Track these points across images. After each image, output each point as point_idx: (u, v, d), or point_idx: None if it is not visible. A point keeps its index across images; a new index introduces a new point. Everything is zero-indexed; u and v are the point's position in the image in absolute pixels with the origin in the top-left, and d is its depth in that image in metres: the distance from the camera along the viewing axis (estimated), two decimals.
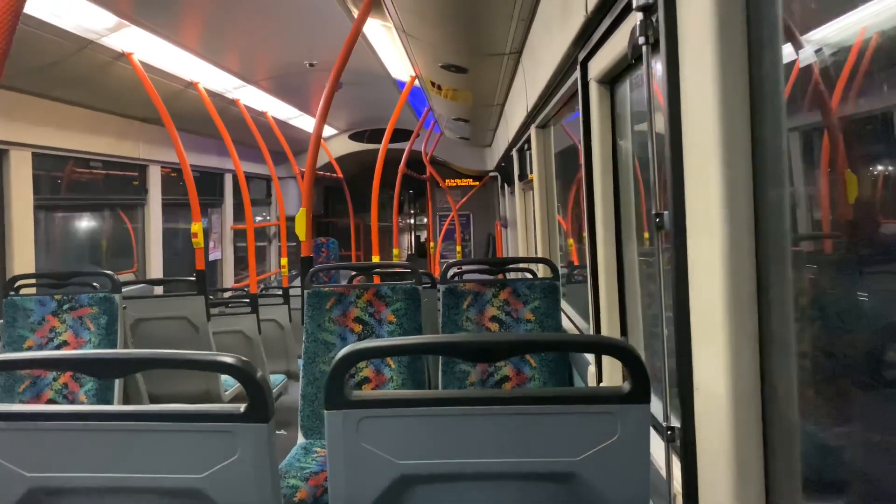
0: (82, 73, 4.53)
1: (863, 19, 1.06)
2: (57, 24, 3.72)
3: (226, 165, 7.91)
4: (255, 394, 1.19)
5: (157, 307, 4.55)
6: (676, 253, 1.36)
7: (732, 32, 1.17)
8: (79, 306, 3.35)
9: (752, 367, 1.22)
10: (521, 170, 6.11)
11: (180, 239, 7.77)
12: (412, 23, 3.39)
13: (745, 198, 1.20)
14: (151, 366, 1.24)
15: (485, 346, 1.24)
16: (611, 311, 2.20)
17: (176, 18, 4.29)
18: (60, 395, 3.19)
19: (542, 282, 3.27)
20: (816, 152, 1.25)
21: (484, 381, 3.13)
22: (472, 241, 13.30)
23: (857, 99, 1.10)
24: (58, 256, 5.77)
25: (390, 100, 6.78)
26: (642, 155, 2.11)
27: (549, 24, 2.65)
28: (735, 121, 1.19)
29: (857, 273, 1.17)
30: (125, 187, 6.49)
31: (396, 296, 3.15)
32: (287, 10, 4.43)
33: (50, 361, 1.38)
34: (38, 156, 4.68)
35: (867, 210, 1.12)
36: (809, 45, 1.19)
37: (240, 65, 5.72)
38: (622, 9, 1.66)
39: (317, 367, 3.08)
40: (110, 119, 5.56)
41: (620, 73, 2.03)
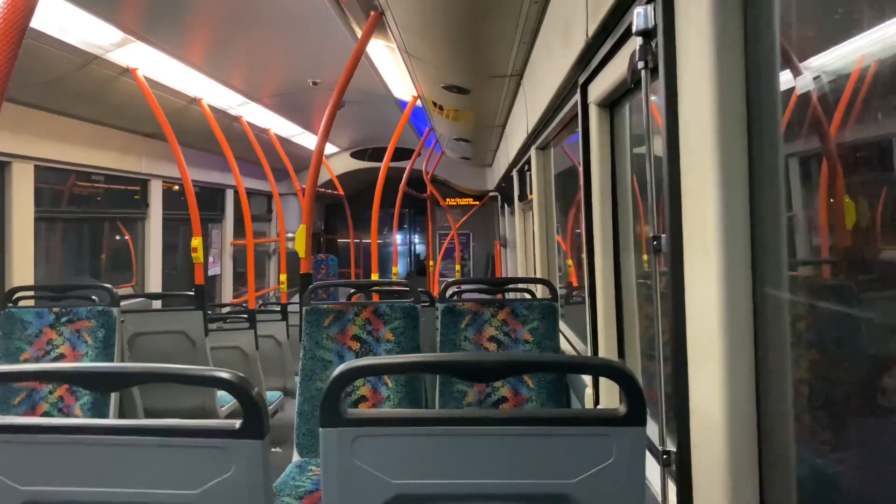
0: (87, 87, 4.57)
1: (861, 48, 1.07)
2: (63, 38, 3.76)
3: (227, 181, 7.94)
4: (250, 410, 1.19)
5: (154, 321, 4.55)
6: (673, 276, 1.37)
7: (731, 58, 1.19)
8: (77, 319, 3.34)
9: (748, 391, 1.22)
10: (521, 190, 6.14)
11: (179, 254, 7.78)
12: (415, 44, 3.42)
13: (742, 222, 1.20)
14: (147, 380, 1.24)
15: (482, 365, 1.24)
16: (608, 332, 2.20)
17: (181, 35, 4.33)
18: (55, 408, 3.18)
19: (540, 302, 3.27)
20: (813, 178, 1.26)
21: (481, 402, 3.12)
22: (471, 261, 13.31)
23: (855, 126, 1.11)
24: (57, 269, 5.77)
25: (392, 119, 6.82)
26: (641, 177, 2.12)
27: (550, 47, 2.68)
28: (732, 145, 1.20)
29: (854, 299, 1.18)
30: (126, 201, 6.51)
31: (395, 314, 3.15)
32: (291, 29, 4.47)
33: (45, 374, 1.38)
34: (40, 168, 4.71)
35: (864, 236, 1.12)
36: (808, 71, 1.20)
37: (244, 82, 5.76)
38: (622, 33, 1.68)
39: (313, 385, 3.06)
40: (113, 133, 5.60)
41: (620, 97, 2.05)
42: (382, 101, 6.69)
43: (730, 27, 1.19)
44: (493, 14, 2.70)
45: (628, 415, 1.19)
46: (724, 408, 1.21)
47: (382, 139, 9.80)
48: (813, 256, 1.28)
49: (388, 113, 7.11)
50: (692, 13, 1.25)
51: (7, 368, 1.31)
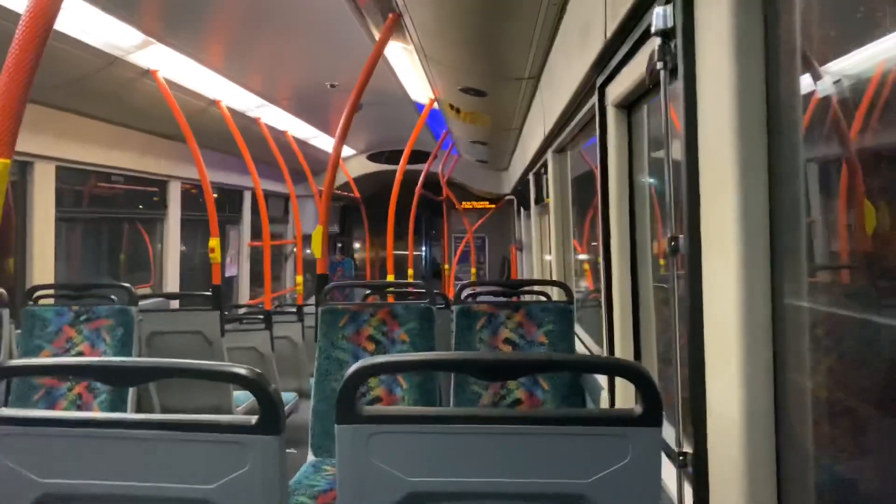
0: (108, 88, 4.62)
1: (882, 51, 1.06)
2: (86, 40, 3.81)
3: (245, 183, 8.00)
4: (266, 406, 1.19)
5: (172, 321, 4.58)
6: (691, 277, 1.36)
7: (751, 59, 1.18)
8: (95, 318, 3.38)
9: (766, 393, 1.21)
10: (538, 193, 6.12)
11: (197, 255, 7.85)
12: (433, 46, 3.43)
13: (762, 224, 1.20)
14: (166, 375, 1.26)
15: (497, 364, 1.24)
16: (624, 334, 2.19)
17: (201, 37, 4.38)
18: (74, 405, 3.21)
19: (556, 305, 3.26)
20: (834, 181, 1.25)
21: (496, 404, 3.11)
22: (486, 264, 13.30)
23: (876, 130, 1.10)
24: (76, 268, 5.84)
25: (409, 121, 6.84)
26: (658, 180, 2.11)
27: (567, 49, 2.67)
28: (752, 147, 1.19)
29: (873, 303, 1.17)
30: (145, 202, 6.57)
31: (410, 315, 3.15)
32: (309, 32, 4.50)
33: (64, 368, 1.40)
34: (61, 169, 4.77)
35: (885, 241, 1.11)
36: (828, 75, 1.19)
37: (262, 84, 5.80)
38: (641, 34, 1.67)
39: (329, 385, 3.07)
40: (133, 134, 5.66)
41: (638, 98, 2.05)
42: (399, 104, 6.71)
43: (750, 27, 1.18)
44: (511, 16, 2.71)
45: (644, 415, 1.18)
46: (742, 410, 1.21)
47: (399, 142, 9.82)
48: (832, 260, 1.27)
49: (405, 116, 7.13)
50: (712, 13, 1.24)
51: (28, 362, 1.33)
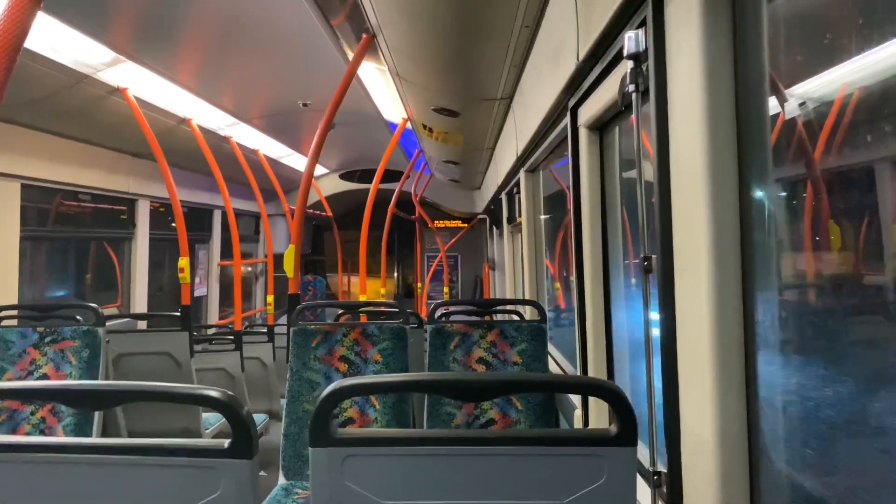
0: (76, 106, 4.56)
1: (844, 76, 1.10)
2: (55, 58, 3.76)
3: (215, 201, 7.92)
4: (239, 429, 1.17)
5: (140, 342, 4.50)
6: (664, 296, 1.37)
7: (721, 82, 1.21)
8: (61, 339, 3.30)
9: (739, 412, 1.22)
10: (510, 213, 6.16)
11: (165, 275, 7.73)
12: (406, 67, 3.45)
13: (733, 243, 1.21)
14: (133, 398, 1.23)
15: (471, 385, 1.23)
16: (598, 354, 2.20)
17: (172, 55, 4.34)
18: (37, 429, 3.12)
19: (529, 324, 3.27)
20: (803, 201, 1.28)
21: (470, 424, 3.10)
22: (459, 283, 13.30)
23: (840, 151, 1.13)
24: (41, 288, 5.71)
25: (382, 141, 6.85)
26: (630, 201, 2.14)
27: (540, 70, 2.71)
28: (723, 168, 1.21)
29: (843, 321, 1.19)
30: (113, 220, 6.47)
31: (383, 335, 3.13)
32: (283, 51, 4.50)
33: (27, 392, 1.36)
34: (26, 187, 4.68)
35: (851, 259, 1.14)
36: (794, 98, 1.22)
37: (234, 103, 5.77)
38: (613, 57, 1.70)
39: (300, 406, 3.03)
40: (102, 153, 5.58)
41: (610, 120, 2.08)
42: (372, 123, 6.72)
43: (720, 51, 1.21)
44: (484, 38, 2.73)
45: (619, 435, 1.19)
46: (715, 429, 1.22)
47: (372, 161, 9.83)
48: (803, 279, 1.29)
49: (378, 135, 7.14)
50: (682, 37, 1.27)
51: None
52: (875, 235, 1.08)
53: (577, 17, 1.88)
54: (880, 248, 1.07)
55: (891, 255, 1.04)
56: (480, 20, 2.55)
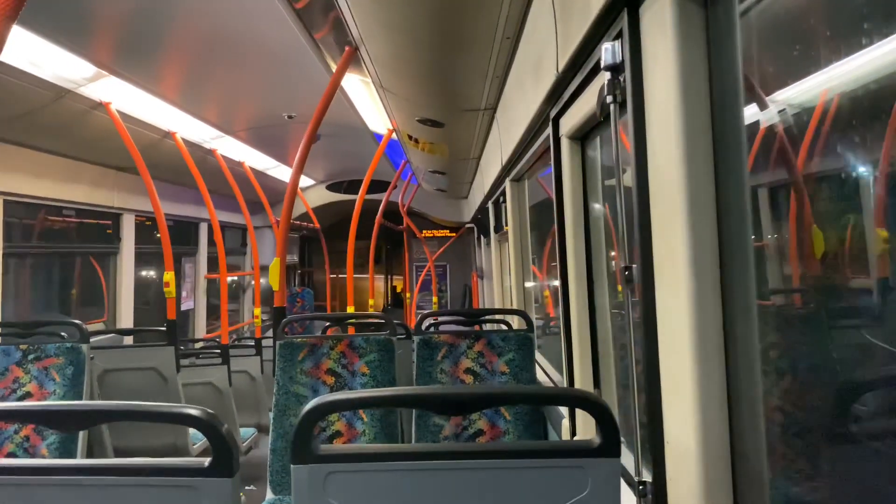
0: (59, 121, 4.54)
1: (822, 83, 1.11)
2: (36, 73, 3.73)
3: (201, 214, 7.89)
4: (219, 447, 1.16)
5: (125, 358, 4.46)
6: (645, 306, 1.38)
7: (696, 91, 1.22)
8: (44, 356, 3.26)
9: (721, 420, 1.22)
10: (497, 222, 6.17)
11: (152, 289, 7.68)
12: (389, 79, 3.46)
13: (711, 251, 1.22)
14: (115, 418, 1.22)
15: (457, 398, 1.23)
16: (584, 363, 2.20)
17: (155, 69, 4.33)
18: (21, 448, 3.09)
19: (516, 334, 3.27)
20: (780, 207, 1.29)
21: (458, 435, 3.09)
22: (448, 292, 13.29)
23: (819, 157, 1.14)
24: (25, 304, 5.66)
25: (368, 152, 6.85)
26: (613, 208, 2.15)
27: (522, 81, 2.72)
28: (699, 176, 1.22)
29: (822, 326, 1.20)
30: (98, 235, 6.42)
31: (370, 347, 3.13)
32: (266, 64, 4.49)
33: (8, 413, 1.34)
34: (9, 203, 4.64)
35: (831, 265, 1.14)
36: (773, 104, 1.24)
37: (218, 116, 5.76)
38: (591, 68, 1.71)
39: (287, 421, 3.02)
40: (85, 167, 5.55)
41: (591, 130, 2.09)
42: (358, 135, 6.73)
43: (695, 61, 1.22)
44: (466, 49, 2.75)
45: (603, 446, 1.19)
46: (698, 437, 1.22)
47: (358, 172, 9.82)
48: (781, 285, 1.30)
49: (364, 146, 7.14)
50: (658, 49, 1.28)
51: None
52: (858, 239, 1.09)
53: (555, 29, 1.89)
54: (863, 252, 1.08)
55: (874, 258, 1.05)
56: (461, 32, 2.56)
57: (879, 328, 1.06)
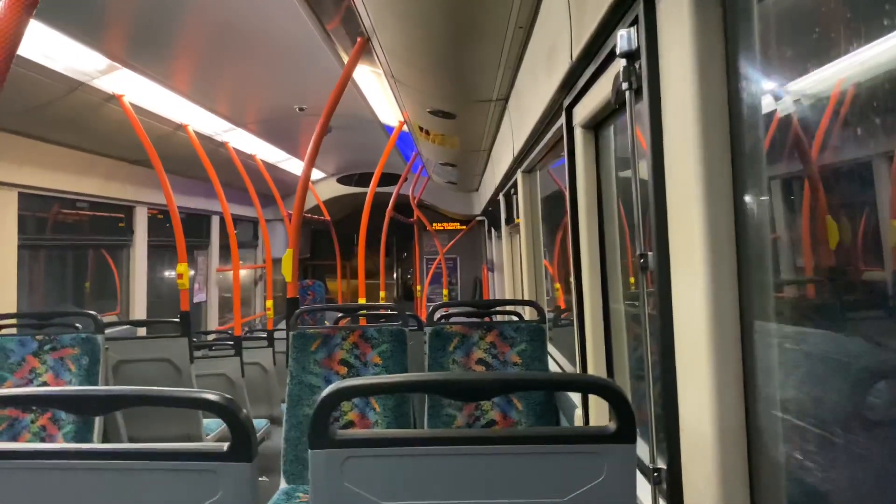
0: (72, 114, 4.56)
1: (837, 72, 1.10)
2: (50, 66, 3.76)
3: (213, 207, 7.92)
4: (238, 432, 1.17)
5: (139, 349, 4.49)
6: (660, 293, 1.38)
7: (713, 79, 1.21)
8: (60, 347, 3.30)
9: (737, 407, 1.22)
10: (508, 214, 6.16)
11: (164, 282, 7.72)
12: (401, 70, 3.45)
13: (728, 239, 1.22)
14: (134, 403, 1.23)
15: (471, 384, 1.24)
16: (597, 352, 2.20)
17: (168, 62, 4.35)
18: (38, 437, 3.12)
19: (528, 325, 3.27)
20: (797, 197, 1.28)
21: (471, 425, 3.10)
22: (458, 285, 13.30)
23: (835, 147, 1.13)
24: (40, 296, 5.71)
25: (378, 144, 6.85)
26: (626, 198, 2.14)
27: (534, 71, 2.71)
28: (716, 165, 1.22)
29: (839, 315, 1.19)
30: (110, 228, 6.47)
31: (382, 338, 3.14)
32: (277, 56, 4.50)
33: (28, 398, 1.36)
34: (23, 196, 4.68)
35: (846, 254, 1.14)
36: (789, 94, 1.23)
37: (230, 108, 5.78)
38: (606, 56, 1.70)
39: (300, 411, 3.04)
40: (98, 160, 5.58)
41: (604, 119, 2.08)
42: (369, 127, 6.73)
43: (711, 47, 1.21)
44: (478, 39, 2.74)
45: (618, 432, 1.19)
46: (714, 424, 1.22)
47: (369, 164, 9.83)
48: (798, 275, 1.29)
49: (375, 138, 7.15)
50: (675, 35, 1.27)
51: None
52: (873, 231, 1.08)
53: (570, 16, 1.88)
54: (878, 244, 1.07)
55: (890, 249, 1.04)
56: (474, 22, 2.56)
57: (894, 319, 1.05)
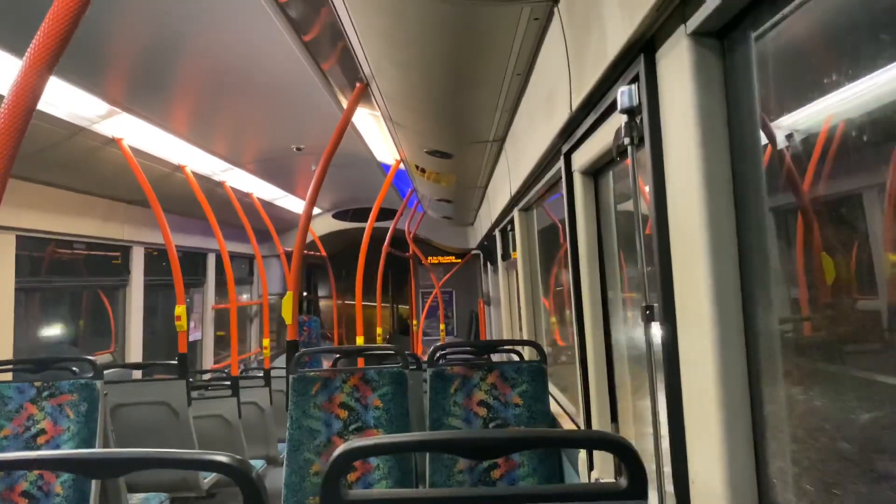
0: (72, 157, 4.59)
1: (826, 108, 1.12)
2: (51, 112, 3.79)
3: (209, 245, 7.93)
4: (250, 493, 1.17)
5: (137, 392, 4.46)
6: (667, 346, 1.39)
7: (715, 133, 1.24)
8: (59, 393, 3.27)
9: (747, 460, 1.22)
10: (504, 250, 6.18)
11: (158, 318, 7.69)
12: (399, 113, 3.50)
13: (734, 290, 1.23)
14: (149, 466, 1.22)
15: (482, 443, 1.23)
16: (601, 399, 2.20)
17: (166, 105, 4.39)
18: (35, 486, 3.08)
19: (529, 365, 3.26)
20: (804, 246, 1.30)
21: (472, 469, 3.08)
22: (454, 318, 13.27)
23: (833, 184, 1.15)
24: (34, 333, 5.67)
25: (375, 181, 6.89)
26: (627, 243, 2.16)
27: (533, 115, 2.75)
28: (720, 214, 1.24)
29: (851, 363, 1.20)
30: (106, 266, 6.45)
31: (383, 380, 3.13)
32: (276, 99, 4.55)
33: (45, 462, 1.35)
34: (20, 237, 4.68)
35: (853, 296, 1.15)
36: (780, 130, 1.25)
37: (228, 149, 5.82)
38: (606, 108, 1.74)
39: (301, 455, 3.01)
40: (96, 201, 5.60)
41: (604, 165, 2.11)
42: (366, 165, 6.78)
43: (712, 105, 1.24)
44: (476, 85, 2.78)
45: (629, 489, 1.19)
46: (724, 478, 1.22)
47: (365, 200, 9.87)
48: (809, 325, 1.30)
49: (371, 175, 7.19)
50: (676, 91, 1.30)
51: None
52: (867, 264, 1.09)
53: (569, 68, 1.92)
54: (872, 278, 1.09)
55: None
56: (472, 68, 2.60)
57: None
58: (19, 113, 1.52)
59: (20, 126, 1.52)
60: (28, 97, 1.51)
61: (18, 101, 1.51)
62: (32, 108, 1.55)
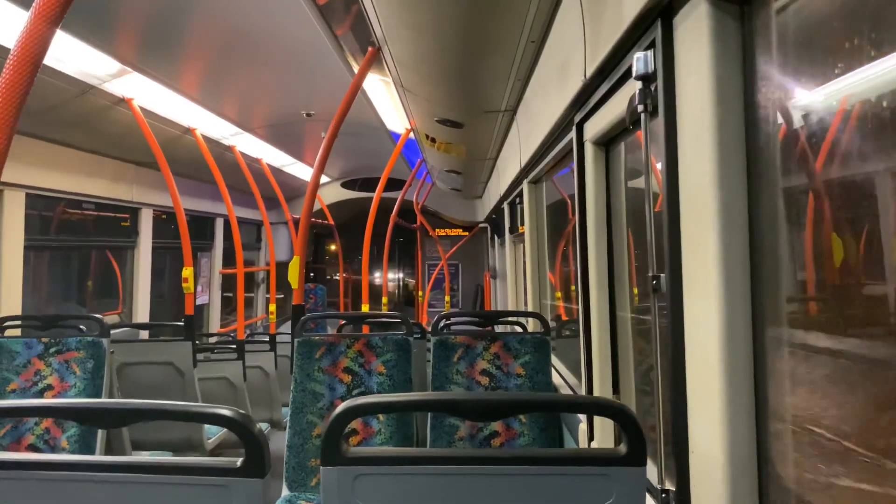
0: (81, 116, 4.58)
1: (858, 93, 1.10)
2: (61, 69, 3.77)
3: (217, 209, 7.93)
4: (252, 448, 1.18)
5: (143, 352, 4.50)
6: (672, 315, 1.38)
7: (730, 103, 1.22)
8: (66, 350, 3.30)
9: (748, 430, 1.23)
10: (512, 223, 6.17)
11: (165, 282, 7.73)
12: (410, 79, 3.47)
13: (742, 263, 1.22)
14: (152, 417, 1.23)
15: (483, 404, 1.24)
16: (603, 368, 2.20)
17: (178, 66, 4.37)
18: (42, 440, 3.13)
19: (532, 336, 3.27)
20: (815, 221, 1.29)
21: (473, 436, 3.10)
22: (460, 291, 13.29)
23: (850, 164, 1.13)
24: (42, 295, 5.72)
25: (384, 150, 6.86)
26: (636, 215, 2.15)
27: (545, 85, 2.72)
28: (732, 187, 1.22)
29: (854, 337, 1.19)
30: (114, 228, 6.47)
31: (387, 347, 3.14)
32: (287, 62, 4.52)
33: (49, 409, 1.36)
34: (29, 196, 4.69)
35: (861, 275, 1.14)
36: (808, 116, 1.23)
37: (238, 113, 5.79)
38: (621, 75, 1.71)
39: (304, 418, 3.04)
40: (106, 162, 5.60)
41: (616, 136, 2.09)
42: (375, 133, 6.74)
43: (729, 74, 1.22)
44: (489, 52, 2.75)
45: (628, 455, 1.19)
46: (725, 447, 1.22)
47: (373, 169, 9.84)
48: (814, 300, 1.30)
49: (381, 144, 7.16)
50: (692, 59, 1.28)
51: (4, 404, 1.29)
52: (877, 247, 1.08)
53: (584, 35, 1.89)
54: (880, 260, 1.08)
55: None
56: (486, 34, 2.57)
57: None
58: (25, 66, 1.51)
59: (27, 79, 1.51)
60: (35, 50, 1.50)
61: (24, 53, 1.50)
62: (39, 62, 1.54)
